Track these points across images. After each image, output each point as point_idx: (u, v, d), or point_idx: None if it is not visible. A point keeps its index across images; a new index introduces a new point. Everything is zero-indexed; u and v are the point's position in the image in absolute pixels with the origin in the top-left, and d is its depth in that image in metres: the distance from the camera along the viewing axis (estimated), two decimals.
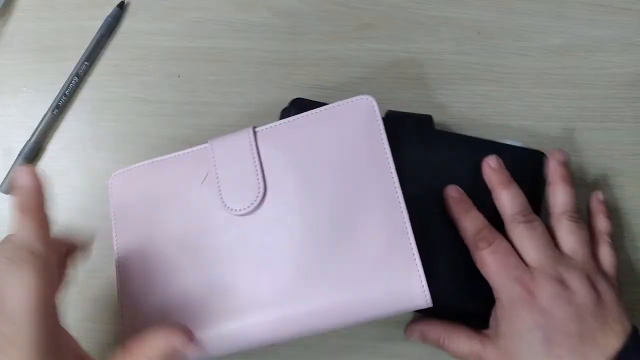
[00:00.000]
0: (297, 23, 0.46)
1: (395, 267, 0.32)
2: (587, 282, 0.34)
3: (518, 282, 0.34)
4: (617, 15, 0.46)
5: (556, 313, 0.33)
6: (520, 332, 0.33)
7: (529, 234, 0.35)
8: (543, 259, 0.34)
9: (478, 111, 0.45)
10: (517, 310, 0.33)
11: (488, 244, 0.35)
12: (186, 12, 0.46)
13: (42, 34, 0.46)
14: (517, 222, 0.36)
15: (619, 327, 0.33)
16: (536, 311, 0.33)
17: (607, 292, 0.34)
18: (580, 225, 0.36)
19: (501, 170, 0.37)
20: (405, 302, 0.32)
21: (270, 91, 0.45)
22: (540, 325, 0.33)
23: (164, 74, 0.45)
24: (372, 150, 0.33)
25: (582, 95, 0.45)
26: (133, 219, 0.37)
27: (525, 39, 0.46)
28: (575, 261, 0.35)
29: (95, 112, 0.45)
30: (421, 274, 0.31)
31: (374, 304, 0.32)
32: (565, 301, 0.33)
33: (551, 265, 0.34)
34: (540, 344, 0.32)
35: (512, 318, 0.34)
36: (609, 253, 0.37)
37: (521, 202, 0.36)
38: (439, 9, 0.46)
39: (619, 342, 0.32)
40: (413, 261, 0.32)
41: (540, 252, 0.35)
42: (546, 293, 0.33)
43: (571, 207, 0.37)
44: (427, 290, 0.31)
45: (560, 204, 0.37)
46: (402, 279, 0.31)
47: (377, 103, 0.34)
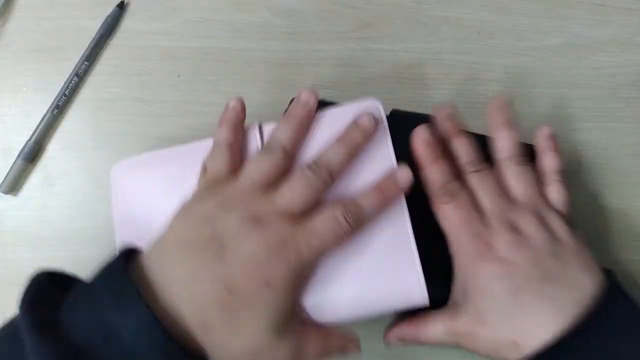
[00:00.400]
0: (297, 23, 0.46)
1: (395, 267, 0.32)
2: (539, 224, 0.34)
3: (477, 238, 0.33)
4: (617, 15, 0.46)
5: (515, 260, 0.32)
6: (484, 287, 0.33)
7: (479, 183, 0.35)
8: (496, 208, 0.34)
9: (478, 111, 0.45)
10: (477, 265, 0.33)
11: (452, 198, 0.34)
12: (186, 12, 0.46)
13: (42, 34, 0.46)
14: (468, 172, 0.35)
15: (582, 263, 0.33)
16: (495, 262, 0.33)
17: (562, 230, 0.34)
18: (526, 167, 0.36)
19: (454, 118, 0.37)
20: (404, 301, 0.32)
21: (270, 91, 0.45)
22: (502, 276, 0.32)
23: (164, 74, 0.45)
24: (377, 152, 0.34)
25: (582, 95, 0.45)
26: (134, 210, 0.37)
27: (525, 39, 0.46)
28: (525, 204, 0.35)
29: (95, 112, 0.45)
30: (419, 273, 0.32)
31: (374, 302, 0.32)
32: (522, 246, 0.33)
33: (503, 214, 0.34)
34: (506, 295, 0.32)
35: (473, 274, 0.33)
36: (559, 191, 0.36)
37: (471, 152, 0.36)
38: (439, 9, 0.46)
39: (591, 283, 0.32)
40: (413, 261, 0.32)
41: (493, 201, 0.34)
42: (502, 243, 0.33)
43: (515, 150, 0.36)
44: (424, 289, 0.32)
45: (503, 149, 0.36)
46: (401, 278, 0.32)
47: (383, 107, 0.34)
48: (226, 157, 0.33)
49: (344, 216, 0.30)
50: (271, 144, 0.33)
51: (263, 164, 0.32)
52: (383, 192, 0.32)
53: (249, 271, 0.29)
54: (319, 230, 0.30)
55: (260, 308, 0.28)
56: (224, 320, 0.28)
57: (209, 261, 0.29)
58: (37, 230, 0.43)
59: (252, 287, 0.28)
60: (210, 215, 0.30)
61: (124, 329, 0.26)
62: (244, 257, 0.29)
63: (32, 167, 0.44)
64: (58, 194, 0.44)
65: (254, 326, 0.28)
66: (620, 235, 0.43)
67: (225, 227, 0.30)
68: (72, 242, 0.43)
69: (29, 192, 0.44)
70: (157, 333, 0.26)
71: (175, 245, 0.30)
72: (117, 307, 0.26)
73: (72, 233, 0.43)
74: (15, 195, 0.44)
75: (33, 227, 0.43)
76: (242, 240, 0.29)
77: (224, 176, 0.33)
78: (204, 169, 0.34)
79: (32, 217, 0.43)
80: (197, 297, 0.28)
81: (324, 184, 0.32)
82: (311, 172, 0.31)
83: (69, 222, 0.43)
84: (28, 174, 0.44)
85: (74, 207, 0.43)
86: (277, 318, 0.29)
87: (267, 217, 0.30)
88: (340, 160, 0.32)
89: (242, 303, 0.28)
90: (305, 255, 0.30)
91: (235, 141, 0.34)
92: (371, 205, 0.32)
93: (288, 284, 0.29)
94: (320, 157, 0.32)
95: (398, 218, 0.33)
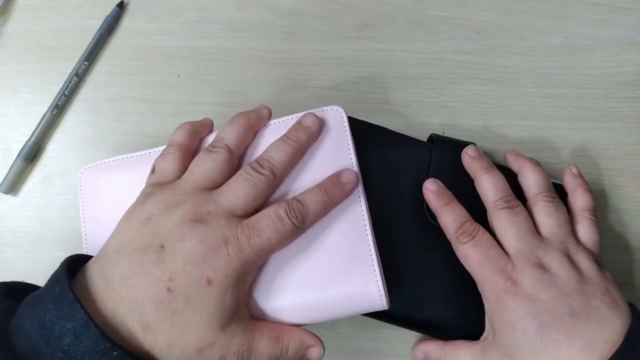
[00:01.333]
0: (297, 23, 0.46)
1: (354, 272, 0.32)
2: (567, 262, 0.33)
3: (501, 274, 0.33)
4: (617, 15, 0.46)
5: (542, 297, 0.32)
6: (512, 324, 0.33)
7: (510, 220, 0.35)
8: (524, 245, 0.34)
9: (478, 111, 0.45)
10: (504, 301, 0.33)
11: (470, 238, 0.34)
12: (186, 12, 0.46)
13: (42, 34, 0.46)
14: (499, 209, 0.35)
15: (610, 302, 0.32)
16: (522, 299, 0.32)
17: (590, 269, 0.34)
18: (557, 205, 0.36)
19: (481, 157, 0.37)
20: (364, 305, 0.32)
21: (270, 91, 0.45)
22: (530, 312, 0.32)
23: (164, 74, 0.45)
24: (340, 160, 0.34)
25: (582, 95, 0.45)
26: (102, 213, 0.37)
27: (525, 39, 0.46)
28: (554, 242, 0.34)
29: (95, 112, 0.45)
30: (379, 279, 0.32)
31: (335, 305, 0.32)
32: (549, 284, 0.32)
33: (531, 251, 0.34)
34: (534, 331, 0.32)
35: (501, 311, 0.33)
36: (590, 230, 0.36)
37: (503, 188, 0.36)
38: (439, 9, 0.46)
39: (619, 322, 0.32)
40: (372, 267, 0.32)
41: (522, 239, 0.34)
42: (529, 279, 0.33)
43: (545, 187, 0.36)
44: (384, 295, 0.31)
45: (533, 186, 0.37)
46: (360, 283, 0.32)
47: (346, 114, 0.34)
48: (174, 159, 0.33)
49: (287, 214, 0.30)
50: (215, 143, 0.33)
51: (205, 164, 0.32)
52: (326, 190, 0.32)
53: (188, 270, 0.28)
54: (261, 227, 0.30)
55: (202, 305, 0.28)
56: (166, 320, 0.28)
57: (150, 263, 0.29)
58: (37, 230, 0.43)
59: (192, 285, 0.28)
60: (152, 218, 0.30)
61: (65, 336, 0.26)
62: (183, 256, 0.29)
63: (32, 167, 0.44)
64: (58, 194, 0.44)
65: (198, 324, 0.28)
66: (620, 235, 0.43)
67: (166, 228, 0.30)
68: (72, 242, 0.43)
69: (29, 192, 0.44)
70: (97, 338, 0.26)
71: (118, 249, 0.30)
72: (58, 314, 0.26)
73: (72, 233, 0.43)
74: (15, 195, 0.44)
75: (32, 227, 0.43)
76: (182, 240, 0.29)
77: (171, 178, 0.33)
78: (152, 170, 0.34)
79: (31, 217, 0.43)
80: (137, 299, 0.28)
81: (267, 182, 0.32)
82: (252, 170, 0.31)
83: (68, 222, 0.43)
84: (28, 174, 0.44)
85: (74, 207, 0.43)
86: (221, 314, 0.29)
87: (208, 217, 0.30)
88: (282, 158, 0.32)
89: (183, 302, 0.28)
90: (247, 252, 0.29)
91: (187, 144, 0.34)
92: (314, 202, 0.31)
93: (229, 280, 0.29)
94: (262, 155, 0.33)
95: (357, 221, 0.33)
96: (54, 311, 0.27)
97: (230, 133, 0.33)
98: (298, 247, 0.32)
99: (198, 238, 0.29)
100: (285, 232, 0.30)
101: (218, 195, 0.31)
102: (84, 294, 0.28)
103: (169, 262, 0.29)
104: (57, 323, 0.26)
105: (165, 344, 0.28)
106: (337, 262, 0.32)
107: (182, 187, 0.32)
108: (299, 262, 0.32)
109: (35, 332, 0.26)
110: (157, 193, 0.32)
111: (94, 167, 0.37)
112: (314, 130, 0.34)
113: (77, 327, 0.26)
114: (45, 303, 0.27)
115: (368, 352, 0.41)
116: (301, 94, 0.45)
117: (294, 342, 0.31)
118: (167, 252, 0.29)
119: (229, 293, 0.29)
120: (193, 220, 0.30)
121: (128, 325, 0.28)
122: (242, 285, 0.30)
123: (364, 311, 0.32)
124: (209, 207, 0.30)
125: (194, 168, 0.32)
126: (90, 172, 0.38)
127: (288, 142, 0.33)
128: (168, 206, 0.31)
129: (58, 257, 0.42)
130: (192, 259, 0.29)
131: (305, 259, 0.32)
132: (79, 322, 0.26)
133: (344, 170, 0.33)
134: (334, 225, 0.33)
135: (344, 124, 0.34)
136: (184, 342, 0.28)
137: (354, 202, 0.33)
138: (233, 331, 0.29)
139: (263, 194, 0.32)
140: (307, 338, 0.32)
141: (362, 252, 0.32)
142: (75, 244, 0.43)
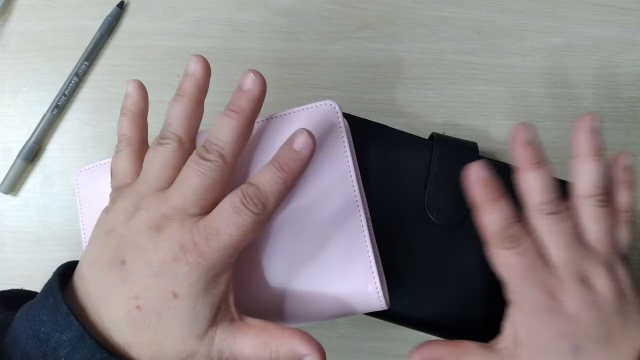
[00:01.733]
0: (297, 22, 0.46)
1: (352, 272, 0.32)
2: (611, 279, 0.31)
3: (543, 289, 0.30)
4: (617, 15, 0.46)
5: (582, 318, 0.30)
6: (546, 343, 0.30)
7: (556, 228, 0.31)
8: (569, 257, 0.31)
9: (478, 111, 0.45)
10: (542, 318, 0.30)
11: (516, 245, 0.30)
12: (186, 11, 0.46)
13: (42, 34, 0.46)
14: (545, 213, 0.31)
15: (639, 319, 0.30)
16: (562, 319, 0.30)
17: (629, 285, 0.31)
18: (607, 210, 0.32)
19: (534, 146, 0.32)
20: (363, 305, 0.32)
21: (270, 91, 0.44)
22: (567, 334, 0.30)
23: (164, 74, 0.45)
24: (334, 156, 0.33)
25: (582, 95, 0.45)
26: None
27: (525, 39, 0.46)
28: (600, 253, 0.31)
29: (95, 112, 0.45)
30: (377, 279, 0.31)
31: (334, 305, 0.32)
32: (591, 304, 0.30)
33: (576, 264, 0.31)
34: (568, 354, 0.30)
35: (536, 327, 0.30)
36: (626, 233, 0.33)
37: (551, 190, 0.31)
38: (439, 9, 0.46)
39: None
40: (370, 267, 0.31)
41: (567, 250, 0.31)
42: (571, 297, 0.30)
43: (599, 188, 0.32)
44: (381, 295, 0.31)
45: (585, 185, 0.32)
46: (358, 284, 0.31)
47: (340, 109, 0.33)
48: (125, 156, 0.31)
49: (243, 203, 0.27)
50: (163, 133, 0.30)
51: (154, 161, 0.29)
52: (280, 165, 0.28)
53: (151, 285, 0.27)
54: (218, 225, 0.27)
55: (172, 319, 0.27)
56: (143, 337, 0.27)
57: (116, 280, 0.27)
58: (37, 230, 0.43)
59: (159, 300, 0.27)
60: (114, 229, 0.28)
61: (61, 347, 0.26)
62: (143, 271, 0.27)
63: (32, 167, 0.44)
64: (58, 194, 0.44)
65: (174, 337, 0.27)
66: None
67: (125, 240, 0.28)
68: (72, 242, 0.43)
69: (29, 192, 0.44)
70: (93, 349, 0.26)
71: (91, 264, 0.29)
72: (53, 326, 0.26)
73: (72, 233, 0.43)
74: (15, 195, 0.44)
75: (33, 227, 0.43)
76: (140, 252, 0.27)
77: (128, 178, 0.31)
78: (111, 172, 0.32)
79: (31, 217, 0.43)
80: (112, 318, 0.27)
81: (217, 168, 0.28)
82: (199, 158, 0.28)
83: (68, 222, 0.43)
84: (28, 174, 0.44)
85: (73, 207, 0.43)
86: (195, 324, 0.27)
87: (163, 222, 0.28)
88: (229, 137, 0.28)
89: (155, 317, 0.27)
90: (209, 256, 0.27)
91: (138, 135, 0.32)
92: (271, 183, 0.28)
93: (196, 289, 0.27)
94: (207, 137, 0.29)
95: (355, 221, 0.32)
96: (48, 323, 0.26)
97: (177, 118, 0.29)
98: (296, 247, 0.32)
99: (154, 249, 0.27)
100: (247, 225, 0.27)
101: (168, 195, 0.28)
102: (76, 304, 0.28)
103: (134, 279, 0.27)
104: (52, 335, 0.26)
105: (149, 355, 0.27)
106: (336, 262, 0.32)
107: (138, 190, 0.29)
108: (296, 262, 0.32)
109: (31, 344, 0.26)
110: (118, 199, 0.30)
111: (91, 169, 0.37)
112: (256, 94, 0.29)
113: (73, 338, 0.26)
114: (39, 315, 0.27)
115: (368, 352, 0.41)
116: (301, 94, 0.45)
117: (283, 349, 0.28)
118: (129, 268, 0.27)
119: (199, 303, 0.27)
120: (150, 227, 0.28)
121: (114, 340, 0.27)
122: (215, 288, 0.28)
123: (363, 311, 0.32)
124: (162, 210, 0.28)
125: (146, 167, 0.30)
126: (87, 174, 0.38)
127: (231, 114, 0.29)
128: (127, 214, 0.28)
129: (58, 257, 0.43)
130: (152, 274, 0.27)
131: (303, 258, 0.32)
132: (74, 334, 0.26)
133: (295, 135, 0.29)
134: (332, 224, 0.32)
135: (338, 119, 0.33)
136: (164, 356, 0.27)
137: (352, 201, 0.33)
138: (212, 337, 0.28)
139: (216, 183, 0.28)
140: (301, 347, 0.28)
141: (360, 252, 0.32)
142: (75, 244, 0.43)
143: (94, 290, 0.28)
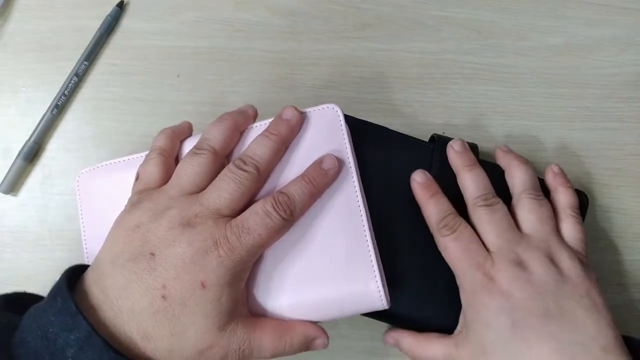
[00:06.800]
0: (297, 22, 0.46)
1: (353, 272, 0.32)
2: (546, 260, 0.33)
3: (479, 269, 0.33)
4: (617, 15, 0.46)
5: (517, 295, 0.32)
6: (486, 320, 0.33)
7: (489, 217, 0.35)
8: (502, 242, 0.34)
9: (478, 111, 0.45)
10: (480, 297, 0.33)
11: (451, 231, 0.34)
12: (186, 11, 0.46)
13: (42, 34, 0.46)
14: (478, 206, 0.35)
15: (589, 305, 0.32)
16: (497, 296, 0.32)
17: (571, 268, 0.33)
18: (540, 202, 0.36)
19: (466, 152, 0.37)
20: (364, 304, 0.32)
21: (270, 91, 0.45)
22: (504, 309, 0.32)
23: (164, 74, 0.45)
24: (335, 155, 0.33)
25: (582, 95, 0.45)
26: (101, 216, 0.37)
27: (525, 39, 0.46)
28: (535, 240, 0.34)
29: (95, 112, 0.45)
30: (378, 278, 0.31)
31: (335, 305, 0.32)
32: (525, 282, 0.32)
33: (510, 248, 0.34)
34: (507, 329, 0.32)
35: (476, 306, 0.33)
36: (574, 227, 0.36)
37: (484, 185, 0.36)
38: (439, 9, 0.46)
39: (596, 326, 0.31)
40: (371, 267, 0.32)
41: (500, 235, 0.34)
42: (505, 277, 0.33)
43: (530, 184, 0.36)
44: (383, 294, 0.31)
45: (518, 184, 0.37)
46: (359, 283, 0.32)
47: (342, 112, 0.34)
48: (157, 164, 0.33)
49: (274, 208, 0.30)
50: (200, 145, 0.33)
51: (190, 167, 0.32)
52: (310, 179, 0.32)
53: (181, 275, 0.29)
54: (249, 225, 0.30)
55: (198, 309, 0.29)
56: (164, 328, 0.28)
57: (142, 272, 0.29)
58: (37, 230, 0.43)
59: (186, 290, 0.28)
60: (141, 225, 0.30)
61: (68, 347, 0.26)
62: (174, 262, 0.29)
63: (32, 167, 0.44)
64: (58, 194, 0.44)
65: (196, 328, 0.29)
66: (620, 235, 0.43)
67: (155, 235, 0.30)
68: (72, 242, 0.43)
69: (29, 192, 0.44)
70: (101, 348, 0.26)
71: (111, 260, 0.30)
72: (61, 326, 0.27)
73: (72, 233, 0.43)
74: (14, 195, 0.44)
75: (33, 227, 0.43)
76: (172, 246, 0.29)
77: (155, 184, 0.33)
78: (137, 177, 0.34)
79: (31, 217, 0.43)
80: (134, 309, 0.28)
81: (252, 178, 0.31)
82: (236, 168, 0.31)
83: (68, 222, 0.43)
84: (28, 174, 0.44)
85: (73, 207, 0.43)
86: (219, 316, 0.29)
87: (196, 220, 0.30)
88: (265, 154, 0.32)
89: (180, 308, 0.28)
90: (238, 252, 0.29)
91: (169, 148, 0.34)
92: (300, 193, 0.31)
93: (223, 281, 0.29)
94: (245, 152, 0.32)
95: (356, 221, 0.33)
96: (56, 323, 0.27)
97: (215, 134, 0.33)
98: (297, 247, 0.32)
99: (187, 242, 0.29)
100: (275, 227, 0.30)
101: (204, 197, 0.31)
102: (84, 304, 0.28)
103: (162, 270, 0.29)
104: (60, 335, 0.26)
105: (166, 350, 0.28)
106: (337, 261, 0.32)
107: (169, 192, 0.32)
108: (298, 262, 0.32)
109: (39, 344, 0.27)
110: (144, 200, 0.32)
111: (91, 171, 0.37)
112: (295, 123, 0.33)
113: (81, 337, 0.26)
114: (47, 315, 0.27)
115: (368, 352, 0.41)
116: (301, 94, 0.45)
117: (297, 337, 0.31)
118: (158, 259, 0.29)
119: (224, 294, 0.29)
120: (181, 224, 0.30)
121: (128, 334, 0.28)
122: (238, 284, 0.30)
123: (364, 311, 0.32)
124: (195, 209, 0.30)
125: (180, 172, 0.32)
126: (87, 176, 0.37)
127: (270, 136, 0.32)
128: (156, 213, 0.30)
129: (58, 257, 0.43)
130: (183, 264, 0.29)
131: (304, 258, 0.32)
132: (82, 333, 0.26)
133: (325, 157, 0.33)
134: (333, 224, 0.33)
135: (340, 122, 0.34)
136: (183, 347, 0.28)
137: (352, 202, 0.33)
138: (232, 330, 0.30)
139: (248, 191, 0.31)
140: (310, 330, 0.32)
141: (361, 251, 0.32)
142: (75, 244, 0.43)
143: (114, 283, 0.29)
